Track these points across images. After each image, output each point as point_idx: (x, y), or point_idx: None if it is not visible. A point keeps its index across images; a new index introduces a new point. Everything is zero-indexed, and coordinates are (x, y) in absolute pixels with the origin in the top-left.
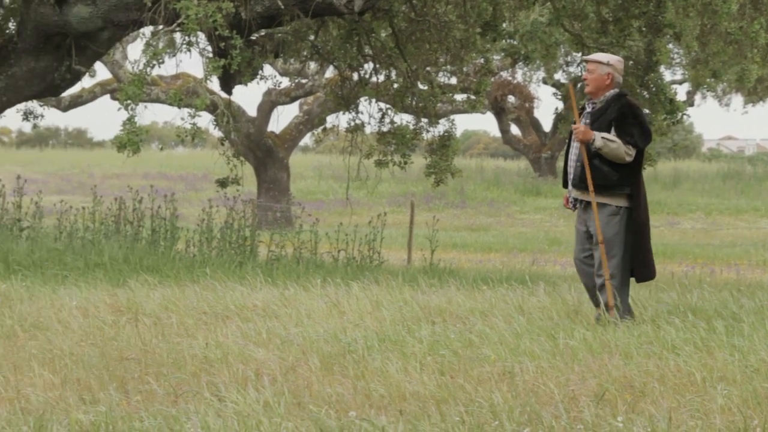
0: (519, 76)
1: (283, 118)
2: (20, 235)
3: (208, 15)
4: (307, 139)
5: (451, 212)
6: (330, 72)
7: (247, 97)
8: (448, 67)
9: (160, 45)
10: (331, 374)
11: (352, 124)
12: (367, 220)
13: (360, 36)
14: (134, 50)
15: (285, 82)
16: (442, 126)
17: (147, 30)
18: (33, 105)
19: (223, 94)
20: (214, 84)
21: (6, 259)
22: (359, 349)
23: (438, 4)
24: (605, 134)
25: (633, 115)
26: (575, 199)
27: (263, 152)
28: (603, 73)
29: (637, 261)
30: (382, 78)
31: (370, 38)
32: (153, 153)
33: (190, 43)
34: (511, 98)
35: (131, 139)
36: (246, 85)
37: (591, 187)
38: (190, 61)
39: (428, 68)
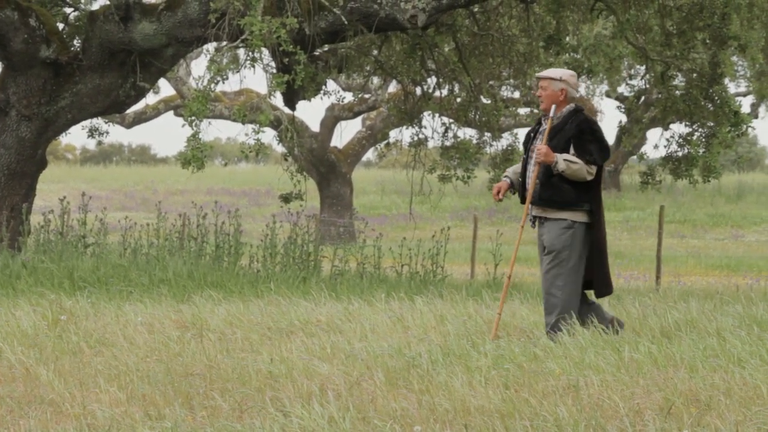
0: (582, 90)
1: (346, 133)
2: (85, 252)
3: (272, 31)
4: (369, 154)
5: (514, 226)
6: (393, 87)
7: (310, 112)
8: (511, 81)
9: (224, 61)
10: (396, 389)
11: (415, 138)
12: (430, 235)
13: (423, 50)
14: (198, 66)
15: (348, 97)
16: (505, 140)
17: (210, 46)
18: (98, 122)
19: (287, 110)
20: (278, 99)
21: (71, 275)
22: (424, 363)
23: (501, 18)
24: (566, 156)
25: (591, 132)
26: (534, 216)
27: (326, 167)
28: (557, 89)
29: (598, 276)
30: (445, 92)
31: (433, 53)
32: (216, 169)
33: (254, 59)
34: None
35: (196, 155)
36: (309, 100)
37: (529, 199)
38: (253, 77)
39: (491, 82)
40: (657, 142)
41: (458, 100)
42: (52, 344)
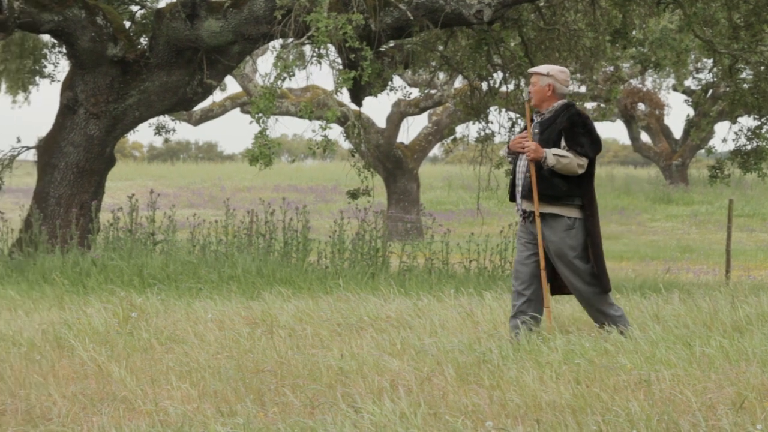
0: (649, 84)
1: (412, 129)
2: (154, 249)
3: (338, 27)
4: (436, 150)
5: None
6: (459, 82)
7: (376, 108)
8: (578, 75)
9: (290, 58)
10: (467, 384)
11: (482, 133)
12: (498, 230)
13: (489, 45)
14: (264, 63)
15: (414, 93)
16: None
17: (276, 43)
18: (165, 119)
19: (353, 106)
20: (344, 96)
21: (141, 272)
22: (494, 359)
23: (567, 13)
24: (556, 150)
25: (582, 125)
26: (524, 211)
27: (393, 163)
28: (543, 84)
29: (599, 271)
30: (511, 87)
31: (499, 47)
32: (283, 165)
33: (320, 56)
34: (641, 106)
35: (263, 152)
36: (376, 96)
37: (536, 198)
38: (319, 74)
39: None
40: (725, 136)
41: (524, 94)
42: (124, 341)
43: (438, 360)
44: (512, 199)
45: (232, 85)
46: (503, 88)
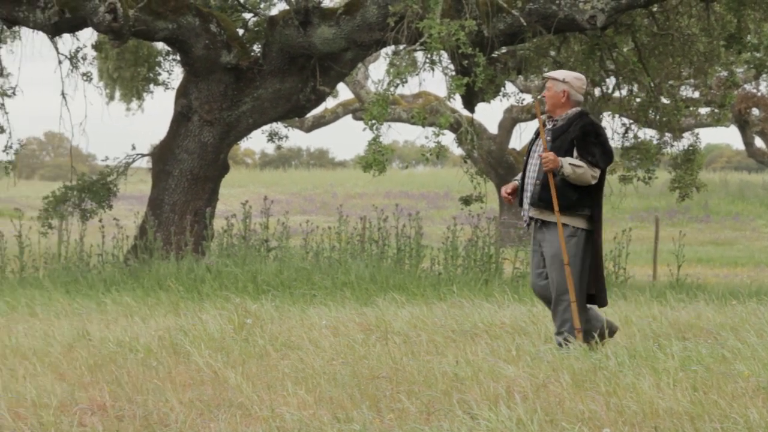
0: (763, 89)
1: (525, 134)
2: (268, 256)
3: (451, 33)
4: None
5: (695, 227)
6: None
7: (488, 114)
8: (692, 80)
9: (403, 64)
10: (583, 391)
11: None
12: (612, 236)
13: (602, 51)
14: (376, 70)
15: (527, 99)
16: (686, 140)
17: (389, 49)
18: (278, 126)
19: (465, 112)
20: (457, 102)
21: (255, 279)
22: (610, 365)
23: (681, 18)
24: (571, 160)
25: (595, 134)
26: (530, 218)
27: (505, 169)
28: (558, 90)
29: (598, 286)
30: (624, 93)
31: (612, 53)
32: (394, 172)
33: (433, 62)
34: (755, 111)
35: (377, 159)
36: (489, 102)
37: (557, 208)
38: (432, 80)
39: (671, 82)
40: None
41: (638, 100)
42: (239, 348)
43: (553, 366)
44: (520, 204)
45: (343, 92)
46: (616, 94)
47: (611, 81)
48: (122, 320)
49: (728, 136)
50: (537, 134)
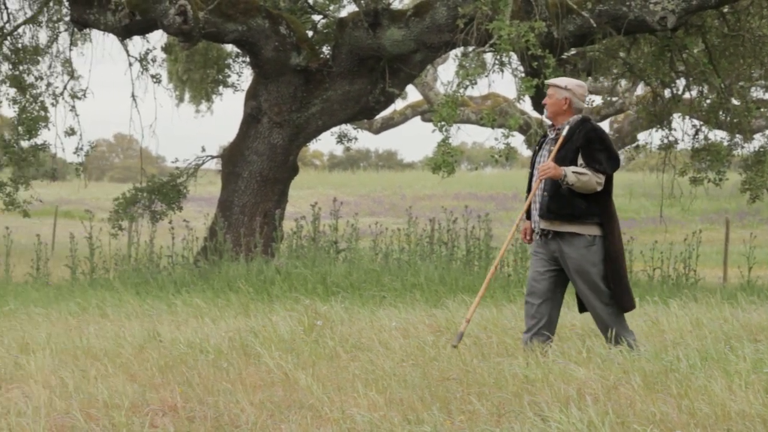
0: None
1: None
2: (337, 257)
3: (521, 35)
4: None
5: (766, 228)
6: (641, 89)
7: None
8: (762, 81)
9: (472, 66)
10: (654, 393)
11: (665, 141)
12: (682, 238)
13: (672, 52)
14: (444, 72)
15: (596, 100)
16: (756, 141)
17: (458, 51)
18: (347, 128)
19: (535, 114)
20: (526, 103)
21: (324, 281)
22: (681, 367)
23: (752, 18)
24: (575, 168)
25: (599, 140)
26: (542, 230)
27: None
28: (560, 97)
29: (618, 290)
30: (695, 94)
31: (682, 54)
32: (463, 174)
33: (502, 63)
34: None
35: (446, 161)
36: None
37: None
38: (501, 81)
39: (741, 83)
40: None
41: (708, 101)
42: (309, 349)
43: (624, 369)
44: (528, 217)
45: (412, 94)
46: (686, 95)
47: (681, 82)
48: (192, 321)
49: None
50: (540, 145)
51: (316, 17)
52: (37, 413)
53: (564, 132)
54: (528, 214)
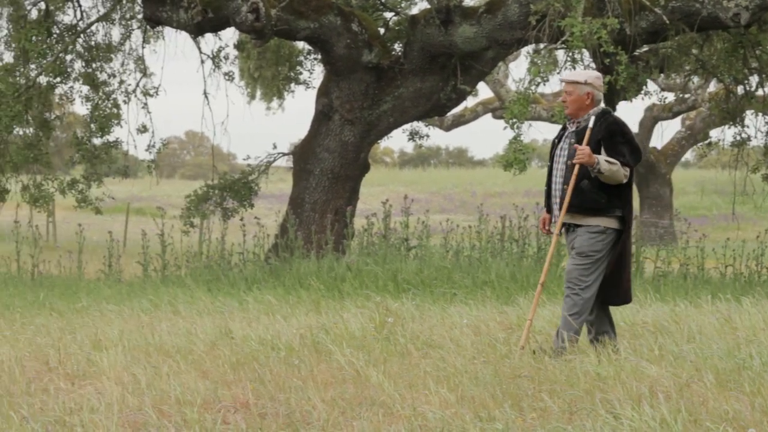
0: None
1: (665, 133)
2: (408, 254)
3: (593, 32)
4: (688, 155)
5: None
6: (713, 86)
7: (628, 112)
8: None
9: (544, 63)
10: (727, 391)
11: (738, 138)
12: (754, 235)
13: (745, 49)
14: (516, 69)
15: (670, 98)
16: None
17: (530, 48)
18: (418, 125)
19: None
20: None
21: (395, 278)
22: (755, 365)
23: None
24: (606, 157)
25: (621, 134)
26: (564, 224)
27: (645, 168)
28: (582, 93)
29: (618, 283)
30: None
31: (755, 51)
32: (534, 171)
33: (574, 60)
34: None
35: (518, 158)
36: (630, 101)
37: (562, 214)
38: None
39: None
40: None
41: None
42: (380, 346)
43: (697, 366)
44: (549, 211)
45: (483, 91)
46: (759, 92)
47: (754, 79)
48: (264, 318)
49: None
50: (560, 138)
51: (388, 14)
52: (110, 410)
53: (590, 123)
54: (548, 208)
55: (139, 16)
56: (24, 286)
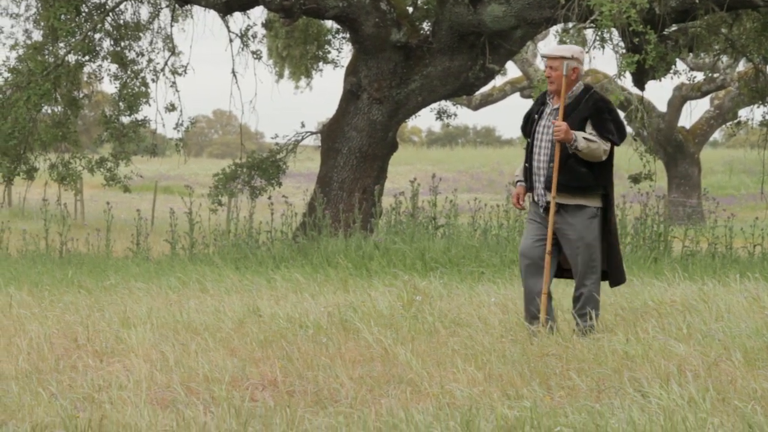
0: None
1: (694, 112)
2: (436, 233)
3: (622, 11)
4: (717, 134)
5: None
6: (743, 65)
7: (656, 92)
8: None
9: (573, 42)
10: (755, 369)
11: (767, 117)
12: None
13: None
14: (544, 48)
15: (699, 77)
16: None
17: (558, 27)
18: (446, 104)
19: (635, 90)
20: (626, 80)
21: (423, 256)
22: None
23: None
24: (584, 134)
25: (608, 111)
26: (547, 202)
27: (673, 147)
28: (569, 68)
29: (614, 264)
30: None
31: None
32: None
33: (603, 39)
34: None
35: None
36: (660, 80)
37: (554, 191)
38: (601, 58)
39: None
40: None
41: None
42: (408, 324)
43: (725, 345)
44: (530, 189)
45: (512, 70)
46: None
47: None
48: (292, 296)
49: None
50: (539, 115)
51: None
52: (138, 387)
53: (568, 101)
54: (530, 187)
55: None
56: (52, 263)
